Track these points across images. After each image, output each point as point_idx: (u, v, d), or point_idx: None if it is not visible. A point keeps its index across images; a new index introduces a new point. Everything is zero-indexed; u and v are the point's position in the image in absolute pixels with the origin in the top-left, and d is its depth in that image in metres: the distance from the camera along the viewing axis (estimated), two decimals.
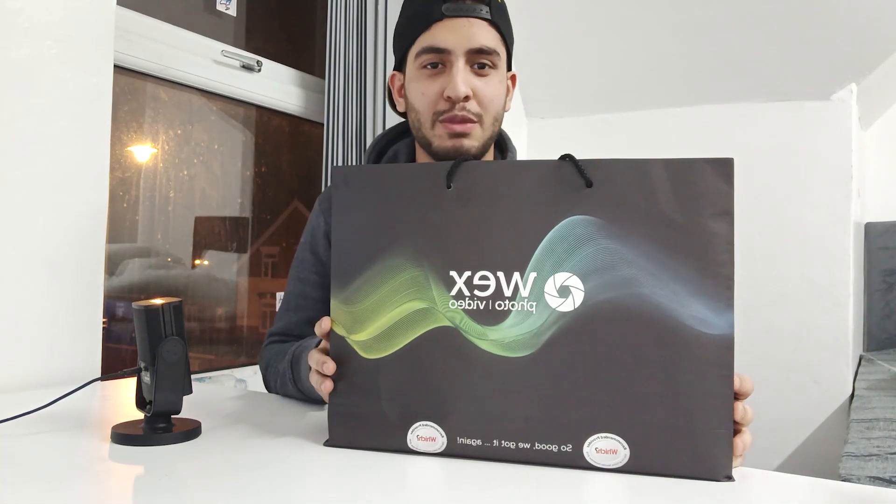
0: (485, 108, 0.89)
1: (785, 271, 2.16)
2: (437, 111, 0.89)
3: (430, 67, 0.89)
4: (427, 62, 0.89)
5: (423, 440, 0.64)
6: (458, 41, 0.87)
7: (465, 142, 0.89)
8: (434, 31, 0.88)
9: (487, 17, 0.88)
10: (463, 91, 0.86)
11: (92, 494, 0.53)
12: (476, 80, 0.89)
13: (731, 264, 0.59)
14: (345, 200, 0.68)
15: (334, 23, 1.73)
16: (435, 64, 0.89)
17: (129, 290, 1.51)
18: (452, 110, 0.88)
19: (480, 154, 0.92)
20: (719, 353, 0.58)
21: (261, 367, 1.03)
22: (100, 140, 1.13)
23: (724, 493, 0.55)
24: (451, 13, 0.87)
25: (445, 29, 0.87)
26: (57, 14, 1.07)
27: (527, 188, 0.63)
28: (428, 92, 0.89)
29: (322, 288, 1.00)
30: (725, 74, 2.18)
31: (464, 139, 0.89)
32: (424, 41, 0.89)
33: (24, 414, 0.73)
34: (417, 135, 0.93)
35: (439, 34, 0.88)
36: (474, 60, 0.88)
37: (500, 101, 0.92)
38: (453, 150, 0.89)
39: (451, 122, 0.88)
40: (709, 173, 0.60)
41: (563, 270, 0.61)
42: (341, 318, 0.67)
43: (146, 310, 0.68)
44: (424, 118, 0.90)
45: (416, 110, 0.92)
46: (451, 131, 0.88)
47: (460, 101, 0.87)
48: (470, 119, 0.88)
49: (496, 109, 0.91)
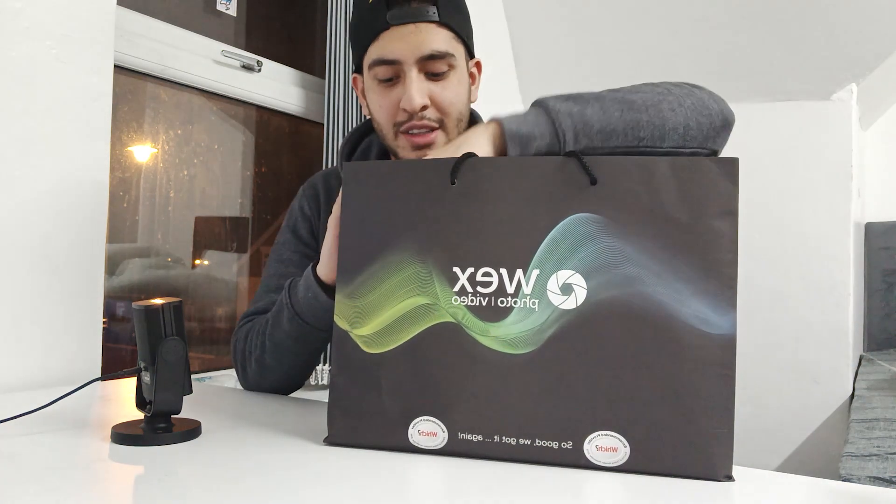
0: (445, 112, 0.87)
1: (785, 271, 2.16)
2: (397, 122, 0.87)
3: (384, 81, 0.87)
4: (381, 75, 0.87)
5: (424, 435, 0.64)
6: (406, 50, 0.84)
7: (430, 153, 0.86)
8: (382, 41, 0.85)
9: (435, 18, 0.84)
10: (419, 102, 0.84)
11: (92, 494, 0.53)
12: (432, 85, 0.86)
13: (735, 264, 0.59)
14: (353, 196, 0.68)
15: (334, 23, 1.73)
16: (389, 77, 0.86)
17: (129, 290, 1.50)
18: (412, 120, 0.86)
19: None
20: (721, 353, 0.58)
21: (235, 350, 0.97)
22: (100, 140, 1.13)
23: (724, 493, 0.55)
24: (396, 21, 0.83)
25: (393, 38, 0.84)
26: (57, 14, 1.07)
27: (531, 185, 0.63)
28: (384, 104, 0.87)
29: (302, 266, 0.97)
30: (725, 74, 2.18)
31: (427, 150, 0.87)
32: (374, 53, 0.86)
33: (24, 414, 0.73)
34: (383, 142, 0.93)
35: (387, 45, 0.84)
36: (427, 68, 0.85)
37: (461, 102, 0.89)
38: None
39: (411, 136, 0.87)
40: (714, 172, 0.60)
41: (566, 268, 0.61)
42: (345, 313, 0.67)
43: (146, 310, 0.67)
44: (386, 130, 0.89)
45: (377, 121, 0.91)
46: (414, 144, 0.87)
47: (416, 112, 0.85)
48: (431, 126, 0.86)
49: (458, 111, 0.89)
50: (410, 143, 0.87)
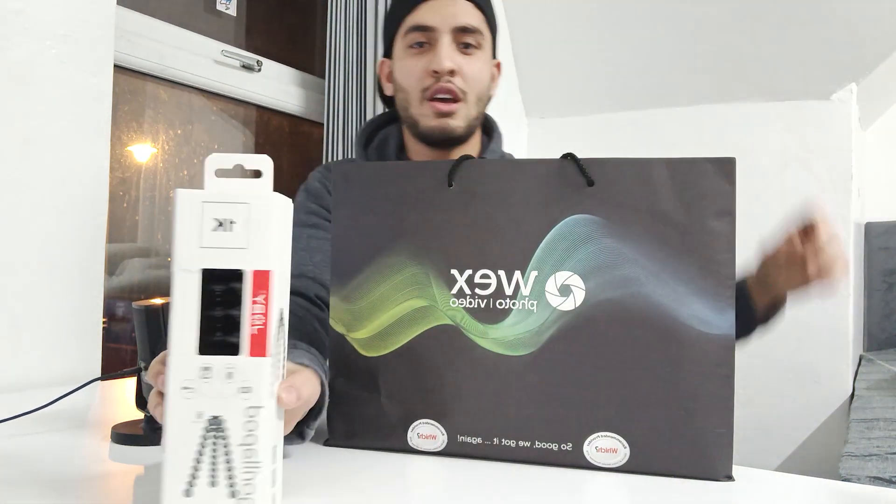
0: (469, 85, 0.93)
1: None
2: (424, 87, 0.92)
3: (416, 46, 0.93)
4: (413, 41, 0.93)
5: (424, 438, 0.64)
6: (442, 19, 0.91)
7: (451, 122, 0.92)
8: (419, 11, 0.92)
9: None
10: (447, 65, 0.90)
11: (92, 494, 0.53)
12: (461, 57, 0.92)
13: (733, 264, 0.59)
14: (344, 197, 0.68)
15: (334, 23, 1.73)
16: (421, 43, 0.93)
17: (129, 290, 1.51)
18: (439, 83, 0.91)
19: (466, 134, 0.94)
20: (720, 353, 0.58)
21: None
22: (100, 140, 1.13)
23: (724, 493, 0.55)
24: None
25: (430, 9, 0.92)
26: (57, 14, 1.07)
27: (528, 187, 0.63)
28: (415, 69, 0.93)
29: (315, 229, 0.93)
30: (725, 74, 2.18)
31: (449, 119, 0.92)
32: (410, 21, 0.93)
33: (24, 414, 0.73)
34: (404, 114, 0.96)
35: (424, 13, 0.92)
36: (459, 39, 0.92)
37: (484, 81, 0.95)
38: (439, 129, 0.92)
39: (435, 102, 0.91)
40: (711, 173, 0.60)
41: (564, 269, 0.61)
42: (341, 316, 0.67)
43: (146, 310, 0.68)
44: (412, 96, 0.93)
45: (403, 89, 0.95)
46: (437, 111, 0.92)
47: (445, 75, 0.90)
48: (455, 94, 0.91)
49: (480, 88, 0.94)
50: (434, 109, 0.92)
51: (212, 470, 0.45)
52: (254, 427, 0.45)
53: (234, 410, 0.45)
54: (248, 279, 0.45)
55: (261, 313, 0.45)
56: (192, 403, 0.45)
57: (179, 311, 0.45)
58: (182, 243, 0.45)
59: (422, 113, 0.93)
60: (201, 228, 0.46)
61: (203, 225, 0.46)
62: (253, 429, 0.45)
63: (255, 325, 0.45)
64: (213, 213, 0.46)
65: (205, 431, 0.44)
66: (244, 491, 0.45)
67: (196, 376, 0.45)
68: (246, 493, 0.45)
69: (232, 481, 0.45)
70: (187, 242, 0.45)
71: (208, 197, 0.46)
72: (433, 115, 0.92)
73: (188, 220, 0.46)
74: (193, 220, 0.46)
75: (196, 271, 0.45)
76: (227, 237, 0.46)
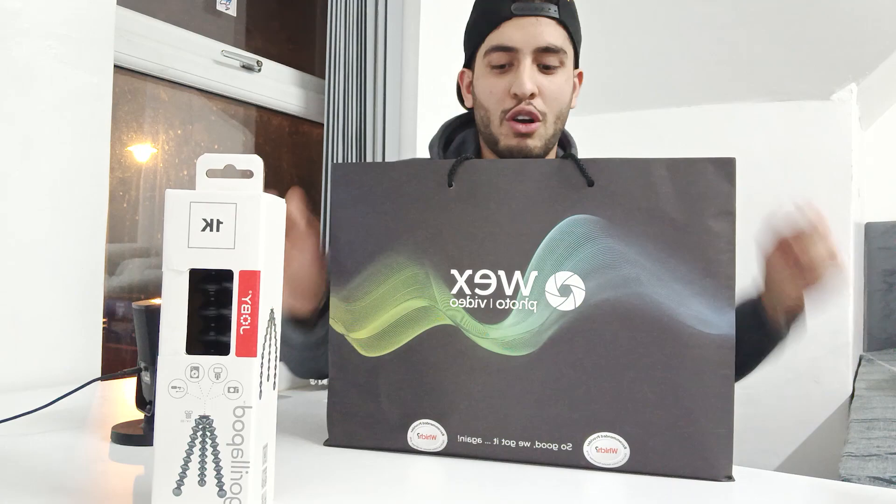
0: (549, 105, 0.92)
1: None
2: (505, 109, 0.91)
3: (497, 66, 0.92)
4: (495, 61, 0.91)
5: (424, 438, 0.64)
6: (525, 40, 0.89)
7: (529, 142, 0.91)
8: (503, 29, 0.90)
9: (556, 16, 0.90)
10: (529, 88, 0.89)
11: (92, 494, 0.53)
12: (542, 77, 0.91)
13: (733, 264, 0.59)
14: (344, 197, 0.68)
15: (334, 23, 1.73)
16: (503, 63, 0.91)
17: (129, 290, 1.50)
18: (519, 105, 0.90)
19: (544, 153, 0.94)
20: (720, 353, 0.58)
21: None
22: (100, 140, 1.13)
23: (724, 493, 0.55)
24: (519, 12, 0.89)
25: (514, 28, 0.90)
26: (57, 14, 1.07)
27: (528, 187, 0.63)
28: (495, 90, 0.92)
29: None
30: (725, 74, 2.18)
31: (527, 139, 0.91)
32: (493, 40, 0.91)
33: (24, 414, 0.73)
34: (485, 132, 0.96)
35: (507, 33, 0.90)
36: (541, 59, 0.90)
37: (565, 99, 0.94)
38: (517, 148, 0.91)
39: (516, 123, 0.91)
40: (711, 173, 0.60)
41: (564, 269, 0.61)
42: (341, 316, 0.67)
43: (146, 310, 0.68)
44: (493, 116, 0.93)
45: (483, 108, 0.94)
46: (516, 131, 0.91)
47: (526, 98, 0.89)
48: (534, 116, 0.90)
49: (560, 107, 0.93)
50: (514, 129, 0.91)
51: (200, 469, 0.45)
52: (242, 427, 0.45)
53: (223, 410, 0.45)
54: (236, 279, 0.45)
55: (249, 314, 0.45)
56: (180, 403, 0.45)
57: (168, 311, 0.45)
58: (171, 243, 0.46)
59: (502, 132, 0.93)
60: (189, 229, 0.46)
61: (191, 225, 0.46)
62: (241, 429, 0.45)
63: (242, 326, 0.45)
64: (201, 213, 0.46)
65: (193, 431, 0.45)
66: (233, 491, 0.45)
67: (184, 376, 0.45)
68: (234, 493, 0.45)
69: (220, 481, 0.45)
70: (176, 243, 0.46)
71: (196, 197, 0.46)
72: (512, 134, 0.92)
73: (177, 220, 0.46)
74: (182, 221, 0.46)
75: (184, 271, 0.45)
76: (214, 237, 0.46)
